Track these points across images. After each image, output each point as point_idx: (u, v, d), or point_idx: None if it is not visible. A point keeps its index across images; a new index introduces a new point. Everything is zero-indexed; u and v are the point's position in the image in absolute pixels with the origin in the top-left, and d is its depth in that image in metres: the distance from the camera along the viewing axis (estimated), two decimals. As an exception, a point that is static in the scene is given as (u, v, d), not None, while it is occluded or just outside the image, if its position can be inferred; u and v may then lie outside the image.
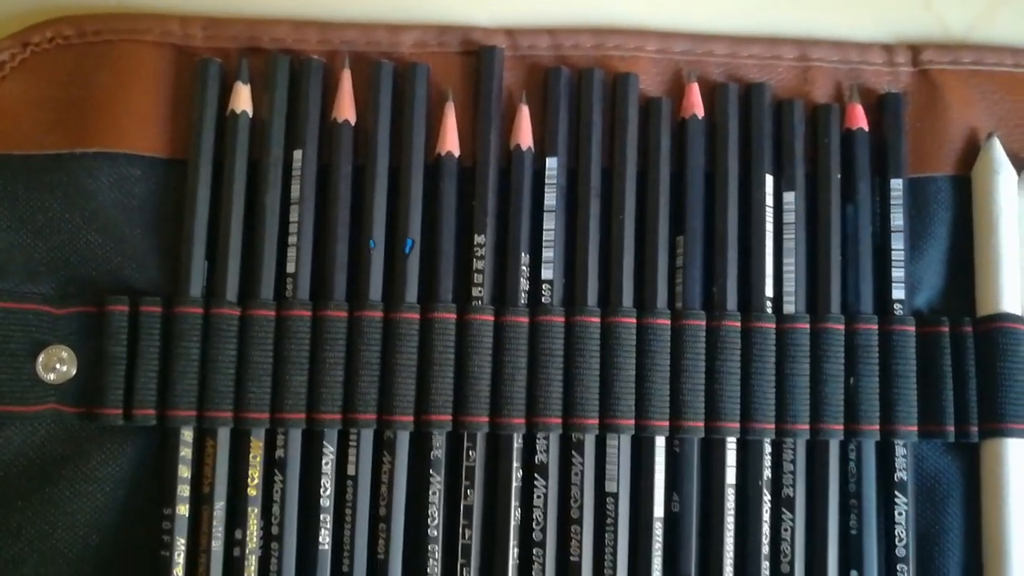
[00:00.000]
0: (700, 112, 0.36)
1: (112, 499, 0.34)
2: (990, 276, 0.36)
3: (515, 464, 0.34)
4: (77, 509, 0.33)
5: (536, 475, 0.34)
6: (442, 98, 0.36)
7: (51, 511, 0.33)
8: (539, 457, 0.34)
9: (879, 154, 0.37)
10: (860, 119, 0.37)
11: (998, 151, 0.37)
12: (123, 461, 0.34)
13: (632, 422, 0.34)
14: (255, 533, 0.33)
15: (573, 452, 0.34)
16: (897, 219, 0.36)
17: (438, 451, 0.34)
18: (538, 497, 0.34)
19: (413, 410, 0.34)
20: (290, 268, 0.35)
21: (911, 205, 0.37)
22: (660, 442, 0.34)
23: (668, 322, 0.35)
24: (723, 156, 0.36)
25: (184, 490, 0.33)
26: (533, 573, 0.34)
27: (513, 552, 0.34)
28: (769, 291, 0.35)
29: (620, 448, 0.34)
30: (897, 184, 0.36)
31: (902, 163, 0.36)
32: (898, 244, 0.36)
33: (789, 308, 0.35)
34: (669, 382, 0.34)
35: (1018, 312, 0.35)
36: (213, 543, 0.33)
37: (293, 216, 0.35)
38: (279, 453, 0.34)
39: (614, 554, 0.34)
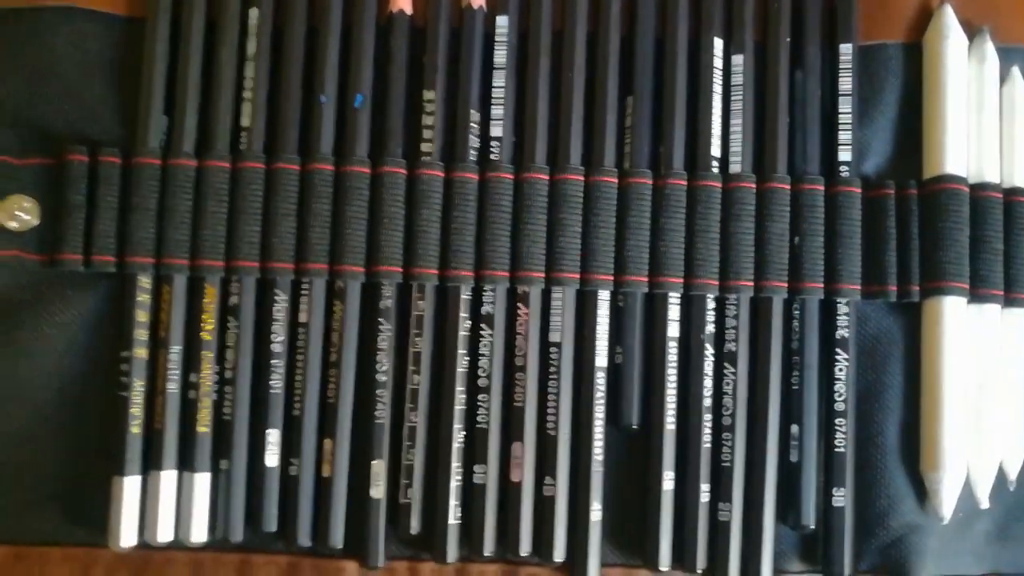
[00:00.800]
0: (652, -25, 0.37)
1: (73, 344, 0.35)
2: (936, 139, 0.36)
3: (463, 314, 0.35)
4: (38, 351, 0.35)
5: (483, 325, 0.35)
6: (397, -40, 0.37)
7: (14, 353, 0.35)
8: (486, 308, 0.35)
9: (831, 20, 0.37)
10: (812, -16, 0.37)
11: (950, 17, 0.37)
12: (83, 308, 0.35)
13: (577, 276, 0.35)
14: (209, 377, 0.35)
15: (519, 304, 0.35)
16: (845, 84, 0.37)
17: (388, 301, 0.35)
18: (484, 346, 0.35)
19: (364, 261, 0.35)
20: (244, 122, 0.36)
21: (862, 72, 0.37)
22: (604, 295, 0.35)
23: (615, 180, 0.36)
24: (673, 19, 0.37)
25: (142, 334, 0.35)
26: (478, 418, 0.35)
27: (460, 398, 0.35)
28: (716, 151, 0.36)
29: (565, 301, 0.35)
30: (846, 49, 0.37)
31: (852, 29, 0.37)
32: (846, 108, 0.36)
33: (735, 168, 0.36)
34: (615, 238, 0.35)
35: (962, 175, 0.36)
36: (168, 386, 0.35)
37: (248, 72, 0.36)
38: (233, 300, 0.35)
39: (557, 402, 0.35)
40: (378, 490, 0.34)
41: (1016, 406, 0.36)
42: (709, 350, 0.35)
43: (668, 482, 0.35)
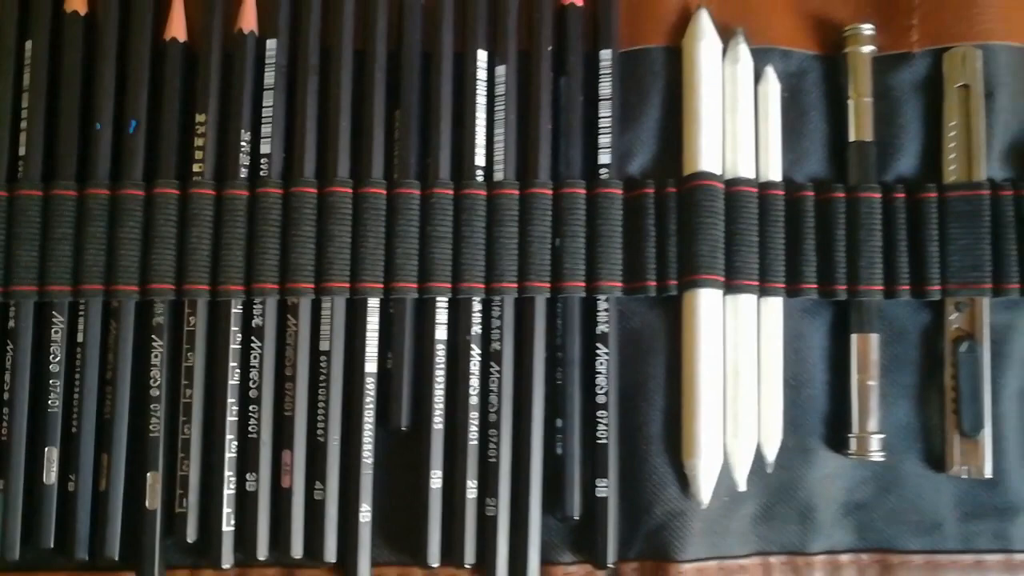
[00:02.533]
0: (416, -7, 0.39)
1: None
2: (692, 138, 0.38)
3: (233, 328, 0.37)
4: None
5: (253, 338, 0.37)
6: (170, -12, 0.39)
7: None
8: (256, 321, 0.37)
9: (593, 28, 0.39)
10: (573, -5, 0.39)
11: (705, 21, 0.39)
12: None
13: (346, 285, 0.37)
14: (-11, 398, 0.36)
15: (289, 315, 0.37)
16: (605, 89, 0.39)
17: (160, 318, 0.37)
18: (254, 358, 0.37)
19: (137, 280, 0.37)
20: (21, 150, 0.37)
21: (628, 76, 0.39)
22: (374, 303, 0.37)
23: (383, 191, 0.37)
24: (438, 34, 0.38)
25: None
26: (249, 428, 0.36)
27: (232, 409, 0.36)
28: (481, 160, 0.38)
29: (334, 310, 0.37)
30: (606, 55, 0.39)
31: (612, 35, 0.39)
32: (605, 112, 0.38)
33: (499, 176, 0.38)
34: (384, 247, 0.37)
35: (717, 171, 0.38)
36: (-55, 409, 0.36)
37: (24, 103, 0.38)
38: (10, 324, 0.37)
39: (327, 408, 0.36)
40: (153, 501, 0.36)
41: (771, 393, 0.38)
42: (476, 351, 0.37)
43: (436, 480, 0.36)
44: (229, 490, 0.36)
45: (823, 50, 0.40)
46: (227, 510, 0.36)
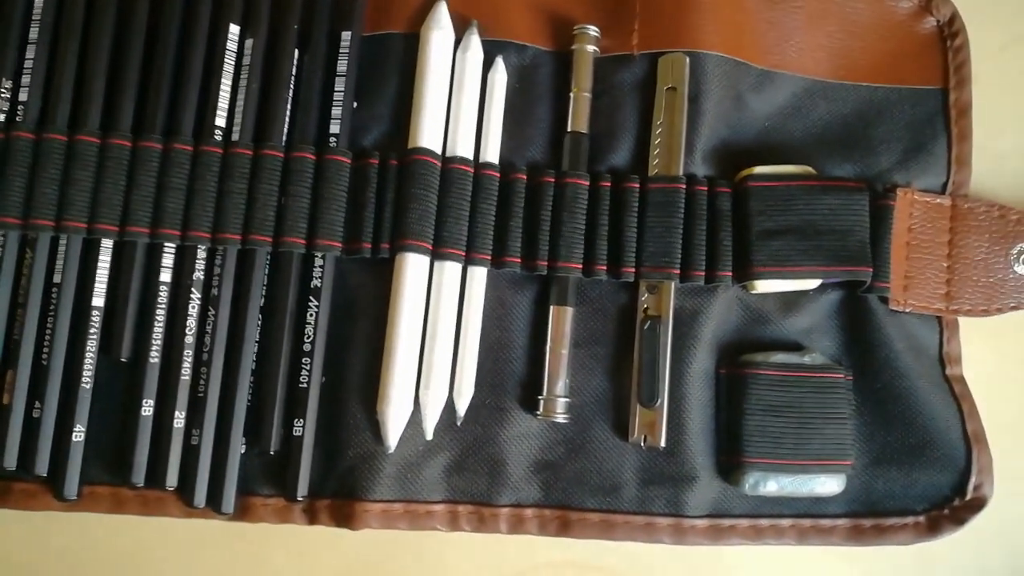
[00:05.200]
0: (179, -33, 0.44)
1: None
2: (416, 117, 0.43)
3: (-24, 256, 0.42)
4: None
5: (-7, 266, 0.42)
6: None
7: None
8: (-2, 251, 0.42)
9: (343, 12, 0.44)
10: (324, -20, 0.44)
11: (442, 11, 0.44)
12: None
13: (84, 225, 0.42)
14: None
15: (27, 249, 0.42)
16: (342, 67, 0.44)
17: (-92, 241, 0.42)
18: (-9, 284, 0.42)
19: None
20: None
21: (372, 59, 0.44)
22: (107, 243, 0.42)
23: (128, 143, 0.42)
24: (195, 6, 0.44)
25: None
26: (-19, 347, 0.41)
27: (-34, 330, 0.41)
28: (222, 122, 0.43)
29: (70, 246, 0.42)
30: (346, 36, 0.44)
31: (356, 19, 0.44)
32: (340, 87, 0.44)
33: (236, 136, 0.43)
34: (123, 193, 0.42)
35: (437, 149, 0.43)
36: None
37: None
38: None
39: (53, 335, 0.41)
40: None
41: (467, 354, 0.43)
42: (196, 295, 0.42)
43: (148, 409, 0.41)
44: (-47, 403, 0.41)
45: (556, 47, 0.46)
46: (-51, 421, 0.41)
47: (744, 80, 0.45)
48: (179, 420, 0.41)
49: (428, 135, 0.43)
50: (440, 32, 0.44)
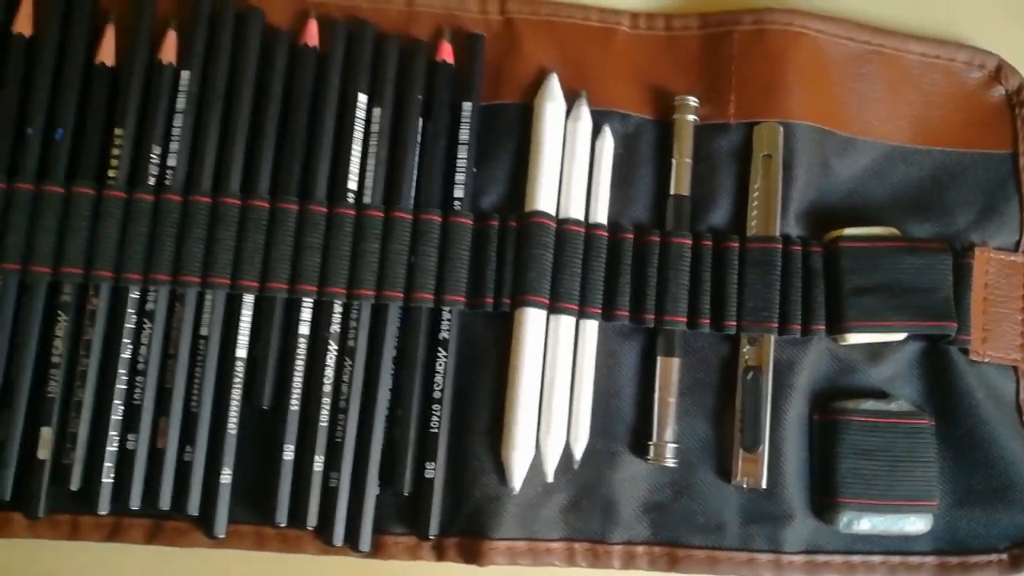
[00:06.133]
0: (313, 42, 0.48)
1: None
2: (533, 181, 0.48)
3: (129, 310, 0.46)
4: None
5: (145, 320, 0.46)
6: (106, 19, 0.48)
7: None
8: (149, 306, 0.46)
9: (462, 83, 0.49)
10: (447, 54, 0.49)
11: (554, 84, 0.49)
12: None
13: (228, 281, 0.46)
14: None
15: (176, 303, 0.46)
16: (464, 135, 0.48)
17: (67, 297, 0.46)
18: (145, 337, 0.45)
19: (51, 263, 0.45)
20: (-35, 149, 0.46)
21: (488, 127, 0.49)
22: (249, 298, 0.46)
23: (267, 205, 0.46)
24: (327, 76, 0.48)
25: None
26: (135, 396, 0.45)
27: (121, 379, 0.45)
28: (353, 185, 0.47)
29: (215, 301, 0.46)
30: (467, 107, 0.48)
31: (474, 90, 0.49)
32: (462, 154, 0.48)
33: (367, 199, 0.47)
34: (262, 251, 0.46)
35: (551, 211, 0.47)
36: None
37: (-31, 108, 0.47)
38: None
39: (201, 384, 0.45)
40: (44, 452, 0.44)
41: (582, 401, 0.47)
42: (333, 346, 0.46)
43: (289, 453, 0.45)
44: (112, 447, 0.44)
45: (657, 116, 0.50)
46: (108, 464, 0.44)
47: (830, 146, 0.50)
48: (318, 464, 0.45)
49: (544, 198, 0.47)
50: (554, 104, 0.48)
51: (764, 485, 0.47)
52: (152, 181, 0.47)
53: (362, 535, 0.45)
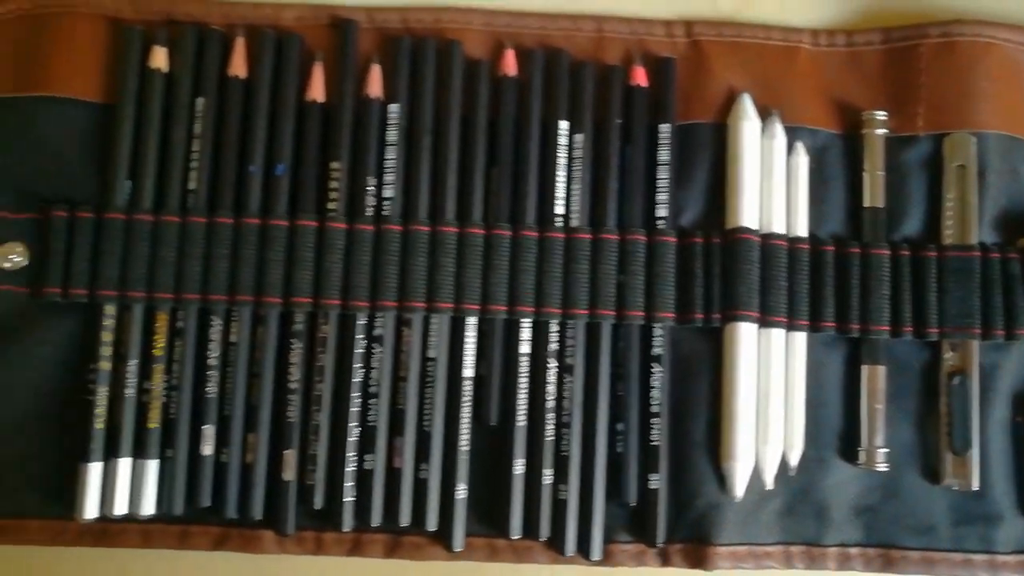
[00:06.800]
0: (512, 71, 0.51)
1: (52, 359, 0.48)
2: (734, 199, 0.50)
3: (359, 336, 0.48)
4: (25, 364, 0.48)
5: (375, 344, 0.48)
6: (314, 59, 0.51)
7: (5, 366, 0.48)
8: (377, 331, 0.48)
9: (656, 105, 0.51)
10: (641, 78, 0.51)
11: (747, 104, 0.51)
12: (61, 330, 0.48)
13: (451, 305, 0.48)
14: (159, 384, 0.48)
15: (403, 327, 0.48)
16: (664, 156, 0.50)
17: (299, 325, 0.48)
18: (375, 361, 0.48)
19: (281, 294, 0.48)
20: (192, 186, 0.49)
21: (682, 146, 0.51)
22: (472, 321, 0.48)
23: (482, 231, 0.49)
24: (528, 105, 0.50)
25: (106, 351, 0.48)
26: (369, 417, 0.47)
27: (355, 402, 0.47)
28: (560, 209, 0.49)
29: (441, 325, 0.48)
30: (665, 128, 0.51)
31: (670, 112, 0.51)
32: (663, 175, 0.50)
33: (575, 222, 0.49)
34: (481, 277, 0.48)
35: (754, 227, 0.49)
36: (126, 391, 0.47)
37: (195, 147, 0.49)
38: (180, 324, 0.48)
39: (432, 404, 0.47)
40: (289, 474, 0.47)
41: (795, 410, 0.49)
42: (553, 364, 0.48)
43: (519, 468, 0.47)
44: (350, 467, 0.47)
45: (844, 130, 0.52)
46: (348, 484, 0.47)
47: (1019, 154, 0.51)
48: (547, 477, 0.47)
49: (747, 214, 0.49)
50: (750, 122, 0.50)
51: (976, 487, 0.49)
52: (370, 212, 0.49)
53: (593, 544, 0.47)
